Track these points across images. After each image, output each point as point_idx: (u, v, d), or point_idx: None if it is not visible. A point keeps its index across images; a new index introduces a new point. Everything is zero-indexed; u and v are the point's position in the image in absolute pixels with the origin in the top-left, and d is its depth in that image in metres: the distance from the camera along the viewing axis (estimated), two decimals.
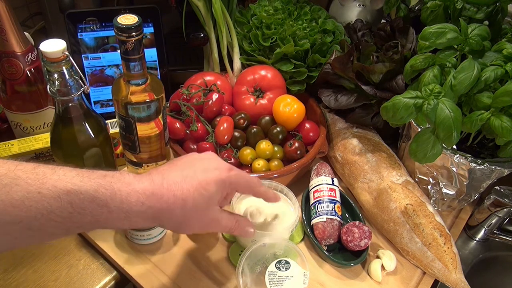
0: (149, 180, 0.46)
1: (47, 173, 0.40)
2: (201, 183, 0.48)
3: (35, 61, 0.71)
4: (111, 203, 0.42)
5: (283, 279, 0.57)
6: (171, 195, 0.46)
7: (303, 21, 0.87)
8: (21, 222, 0.38)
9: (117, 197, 0.43)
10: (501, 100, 0.58)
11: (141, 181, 0.45)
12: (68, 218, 0.40)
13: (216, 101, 0.77)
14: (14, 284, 0.62)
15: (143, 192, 0.44)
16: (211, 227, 0.52)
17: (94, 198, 0.41)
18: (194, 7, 0.85)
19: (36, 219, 0.38)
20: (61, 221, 0.40)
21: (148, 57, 0.84)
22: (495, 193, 0.73)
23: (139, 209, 0.44)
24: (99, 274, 0.65)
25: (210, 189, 0.48)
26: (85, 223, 0.42)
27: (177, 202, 0.46)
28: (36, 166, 0.40)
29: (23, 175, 0.39)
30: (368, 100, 0.78)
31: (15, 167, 0.39)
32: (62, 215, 0.40)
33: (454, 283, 0.64)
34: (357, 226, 0.66)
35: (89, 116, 0.60)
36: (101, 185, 0.42)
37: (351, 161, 0.76)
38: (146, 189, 0.45)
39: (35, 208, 0.38)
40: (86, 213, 0.41)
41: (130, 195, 0.43)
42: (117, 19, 0.55)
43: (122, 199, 0.43)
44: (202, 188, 0.48)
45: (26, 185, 0.38)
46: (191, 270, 0.65)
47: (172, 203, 0.46)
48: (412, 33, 0.78)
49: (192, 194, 0.47)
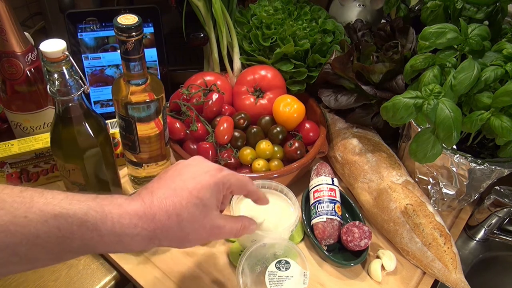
0: (140, 201, 0.44)
1: (35, 196, 0.38)
2: (192, 192, 0.45)
3: (35, 61, 0.71)
4: (102, 226, 0.40)
5: (283, 279, 0.57)
6: (163, 212, 0.44)
7: (303, 21, 0.87)
8: (7, 248, 0.37)
9: (108, 220, 0.41)
10: (501, 100, 0.58)
11: (132, 202, 0.43)
12: (56, 244, 0.39)
13: (216, 101, 0.77)
14: (14, 284, 0.62)
15: (135, 213, 0.42)
16: (215, 236, 0.50)
17: (84, 221, 0.39)
18: (194, 7, 0.85)
19: (22, 244, 0.37)
20: (49, 247, 0.38)
21: (148, 57, 0.84)
22: (495, 193, 0.73)
23: (132, 231, 0.42)
24: (99, 274, 0.65)
25: (203, 196, 0.46)
26: (75, 248, 0.40)
27: (171, 218, 0.44)
28: (23, 189, 0.39)
29: (8, 199, 0.37)
30: (368, 100, 0.78)
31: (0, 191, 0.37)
32: (49, 240, 0.38)
33: (454, 283, 0.64)
34: (357, 226, 0.66)
35: (89, 116, 0.60)
36: (90, 207, 0.40)
37: (351, 161, 0.76)
38: (138, 210, 0.43)
39: (20, 233, 0.37)
40: (75, 238, 0.39)
41: (122, 217, 0.41)
42: (117, 19, 0.55)
43: (113, 222, 0.41)
44: (195, 197, 0.45)
45: (12, 209, 0.37)
46: (191, 270, 0.65)
47: (166, 220, 0.44)
48: (412, 33, 0.78)
49: (186, 206, 0.45)
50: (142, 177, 0.73)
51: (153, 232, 0.43)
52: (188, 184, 0.46)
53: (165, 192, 0.45)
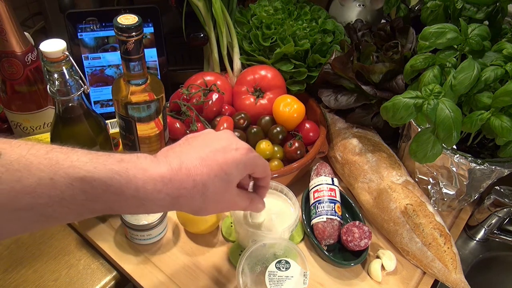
0: (167, 165, 0.43)
1: (60, 158, 0.38)
2: (221, 166, 0.45)
3: (35, 61, 0.71)
4: (126, 191, 0.40)
5: (283, 279, 0.57)
6: (190, 180, 0.43)
7: (303, 21, 0.87)
8: (33, 209, 0.37)
9: (133, 185, 0.41)
10: (501, 100, 0.58)
11: (159, 165, 0.43)
12: (81, 205, 0.39)
13: (216, 101, 0.77)
14: (14, 284, 0.62)
15: (161, 178, 0.42)
16: (228, 208, 0.52)
17: (109, 186, 0.39)
18: (194, 7, 0.85)
19: (48, 205, 0.38)
20: (73, 208, 0.39)
21: (148, 57, 0.84)
22: (495, 193, 0.73)
23: (156, 197, 0.42)
24: (99, 274, 0.65)
25: (231, 172, 0.46)
26: (98, 209, 0.41)
27: (197, 187, 0.44)
28: (49, 150, 0.39)
29: (35, 161, 0.37)
30: (368, 100, 0.78)
31: (27, 152, 0.37)
32: (75, 202, 0.39)
33: (454, 283, 0.64)
34: (357, 226, 0.66)
35: (89, 116, 0.60)
36: (115, 172, 0.40)
37: (351, 161, 0.76)
38: (164, 175, 0.42)
39: (47, 195, 0.37)
40: (99, 201, 0.40)
41: (146, 183, 0.41)
42: (117, 19, 0.55)
43: (138, 186, 0.41)
44: (223, 172, 0.45)
45: (38, 171, 0.37)
46: (191, 270, 0.65)
47: (191, 189, 0.44)
48: (412, 33, 0.78)
49: (213, 179, 0.45)
50: None
51: (176, 199, 0.43)
52: (218, 156, 0.46)
53: (194, 159, 0.44)
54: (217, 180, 0.45)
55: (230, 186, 0.47)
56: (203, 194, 0.45)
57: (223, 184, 0.46)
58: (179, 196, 0.43)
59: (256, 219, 0.64)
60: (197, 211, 0.47)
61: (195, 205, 0.45)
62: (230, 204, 0.51)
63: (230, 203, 0.50)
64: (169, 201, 0.43)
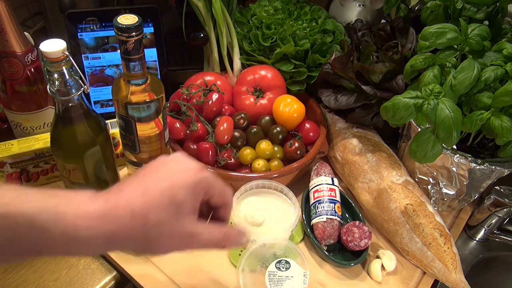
0: (103, 199, 0.38)
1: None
2: (165, 191, 0.40)
3: (35, 61, 0.71)
4: (52, 228, 0.36)
5: (283, 279, 0.57)
6: (128, 212, 0.38)
7: (303, 21, 0.87)
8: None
9: (61, 222, 0.36)
10: (501, 100, 0.58)
11: (95, 200, 0.38)
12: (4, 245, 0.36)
13: (216, 101, 0.77)
14: (14, 284, 0.62)
15: (94, 214, 0.37)
16: (190, 244, 0.42)
17: (33, 223, 0.35)
18: (194, 7, 0.85)
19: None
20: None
21: (148, 57, 0.84)
22: (495, 193, 0.73)
23: (86, 235, 0.37)
24: (99, 274, 0.65)
25: (177, 196, 0.40)
26: (25, 251, 0.37)
27: (135, 220, 0.38)
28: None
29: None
30: (368, 100, 0.78)
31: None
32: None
33: (454, 283, 0.64)
34: (357, 226, 0.66)
35: (89, 116, 0.60)
36: (42, 207, 0.36)
37: (351, 161, 0.76)
38: (98, 210, 0.37)
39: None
40: (24, 240, 0.36)
41: (78, 218, 0.36)
42: (117, 19, 0.55)
43: (66, 224, 0.36)
44: (167, 197, 0.39)
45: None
46: (191, 270, 0.65)
47: (129, 222, 0.38)
48: (412, 33, 0.78)
49: (156, 208, 0.39)
50: None
51: (112, 235, 0.38)
52: (162, 182, 0.40)
53: (136, 190, 0.40)
54: (160, 208, 0.39)
55: (180, 213, 0.40)
56: (144, 226, 0.39)
57: (170, 212, 0.40)
58: (115, 232, 0.38)
59: (256, 219, 0.64)
60: (143, 249, 0.41)
61: (137, 241, 0.39)
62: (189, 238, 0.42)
63: (187, 236, 0.42)
64: (103, 238, 0.38)
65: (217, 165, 0.74)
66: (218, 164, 0.74)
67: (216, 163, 0.74)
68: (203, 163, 0.72)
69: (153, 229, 0.39)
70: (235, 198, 0.65)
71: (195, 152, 0.74)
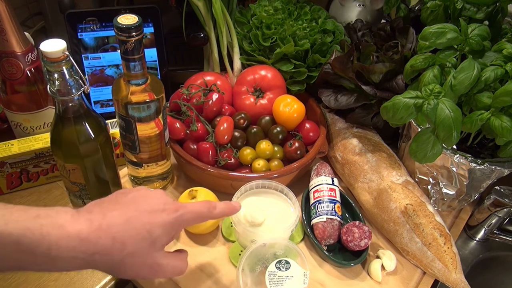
0: (87, 221, 0.42)
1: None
2: (145, 225, 0.44)
3: (35, 61, 0.71)
4: (37, 250, 0.38)
5: (283, 279, 0.57)
6: (109, 238, 0.42)
7: (303, 21, 0.87)
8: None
9: (45, 243, 0.39)
10: (501, 100, 0.58)
11: (78, 221, 0.41)
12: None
13: (216, 101, 0.77)
14: (14, 284, 0.62)
15: (77, 236, 0.40)
16: (156, 273, 0.48)
17: (18, 243, 0.38)
18: (194, 7, 0.85)
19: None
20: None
21: (148, 57, 0.84)
22: (495, 193, 0.73)
23: (68, 255, 0.40)
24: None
25: (154, 232, 0.45)
26: (9, 267, 0.39)
27: (115, 246, 0.42)
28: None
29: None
30: (368, 100, 0.78)
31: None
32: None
33: (454, 283, 0.64)
34: (357, 226, 0.66)
35: (89, 116, 0.60)
36: (27, 228, 0.38)
37: (351, 161, 0.76)
38: (81, 232, 0.41)
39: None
40: (9, 259, 0.38)
41: (60, 240, 0.39)
42: (117, 19, 0.55)
43: (50, 244, 0.39)
44: (146, 232, 0.44)
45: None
46: (191, 270, 0.65)
47: (109, 246, 0.42)
48: (412, 33, 0.78)
49: (134, 238, 0.43)
50: (142, 177, 0.73)
51: (91, 256, 0.42)
52: (143, 217, 0.45)
53: (118, 217, 0.43)
54: (139, 240, 0.44)
55: (153, 247, 0.45)
56: (121, 252, 0.43)
57: (145, 245, 0.44)
58: (95, 253, 0.41)
59: (256, 219, 0.64)
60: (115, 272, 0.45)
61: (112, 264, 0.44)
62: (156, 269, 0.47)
63: (156, 267, 0.47)
64: (83, 258, 0.41)
65: (217, 165, 0.74)
66: (218, 164, 0.74)
67: (216, 163, 0.74)
68: (203, 163, 0.72)
69: (128, 257, 0.44)
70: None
71: (195, 152, 0.74)
